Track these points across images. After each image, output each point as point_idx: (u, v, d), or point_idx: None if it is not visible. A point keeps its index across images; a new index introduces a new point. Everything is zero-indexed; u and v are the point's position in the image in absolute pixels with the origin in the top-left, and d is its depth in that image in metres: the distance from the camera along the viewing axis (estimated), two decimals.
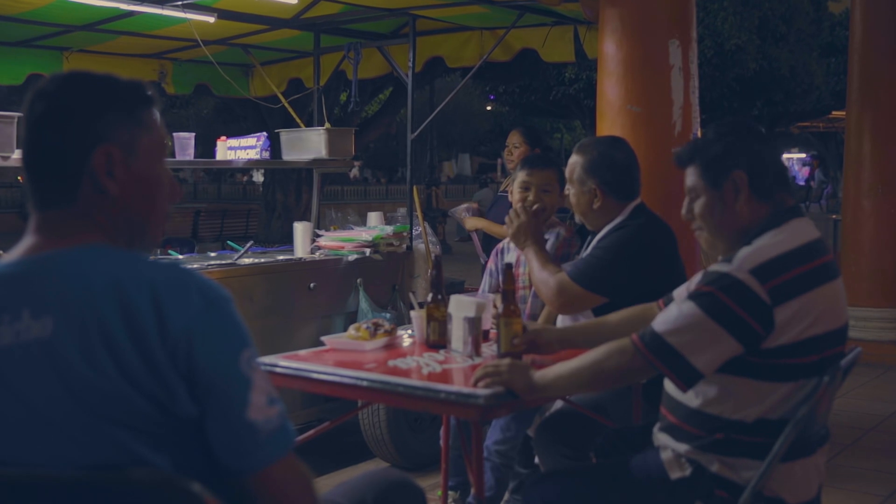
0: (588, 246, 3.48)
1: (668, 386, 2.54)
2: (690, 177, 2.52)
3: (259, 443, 1.59)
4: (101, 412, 1.53)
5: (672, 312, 2.36)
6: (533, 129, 5.81)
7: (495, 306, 3.54)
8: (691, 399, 2.43)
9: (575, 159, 3.41)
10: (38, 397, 1.54)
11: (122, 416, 1.53)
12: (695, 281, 2.56)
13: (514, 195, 3.75)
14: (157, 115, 1.74)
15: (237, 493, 1.66)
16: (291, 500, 1.64)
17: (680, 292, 2.85)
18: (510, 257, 3.88)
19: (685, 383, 2.34)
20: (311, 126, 6.32)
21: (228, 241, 5.17)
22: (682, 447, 2.44)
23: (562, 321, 3.49)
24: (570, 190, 3.43)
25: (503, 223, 5.49)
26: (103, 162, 1.63)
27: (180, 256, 4.89)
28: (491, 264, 4.02)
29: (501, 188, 5.84)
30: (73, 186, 1.64)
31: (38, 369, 1.54)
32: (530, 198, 3.67)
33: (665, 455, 2.48)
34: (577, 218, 3.49)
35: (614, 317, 3.00)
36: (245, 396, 1.58)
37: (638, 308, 2.99)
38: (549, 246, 3.62)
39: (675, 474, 2.44)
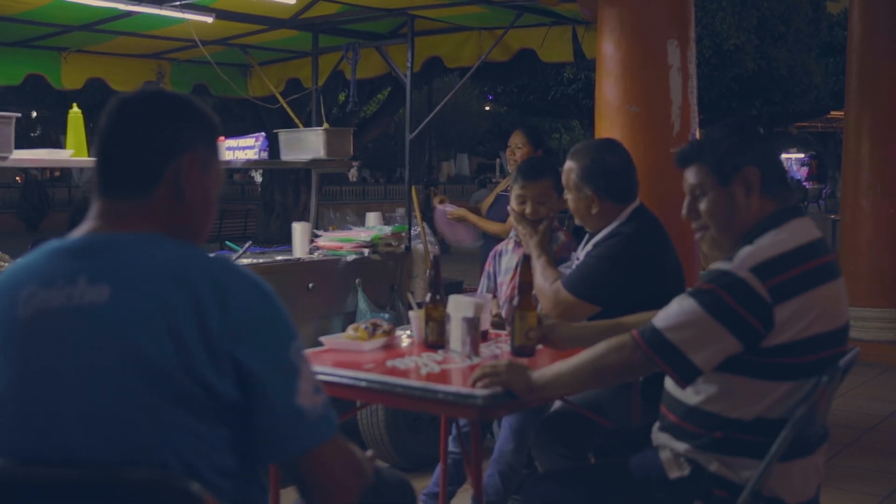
0: (584, 245, 3.48)
1: (669, 384, 2.54)
2: (695, 175, 2.50)
3: (307, 426, 1.67)
4: (145, 382, 1.57)
5: (672, 309, 2.36)
6: (535, 130, 5.79)
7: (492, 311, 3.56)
8: (690, 396, 2.43)
9: (569, 165, 3.40)
10: (82, 361, 1.59)
11: (164, 389, 1.58)
12: None
13: (513, 205, 3.73)
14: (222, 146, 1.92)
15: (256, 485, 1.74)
16: (338, 480, 1.75)
17: None
18: (508, 260, 3.88)
19: (684, 380, 2.34)
20: (310, 126, 6.32)
21: (227, 242, 5.17)
22: (682, 446, 2.44)
23: None
24: (567, 196, 3.43)
25: (502, 222, 5.52)
26: (187, 167, 1.77)
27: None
28: (488, 267, 4.02)
29: (501, 188, 5.82)
30: (151, 182, 1.75)
31: (88, 332, 1.60)
32: (528, 210, 3.66)
33: (664, 455, 2.48)
34: (577, 220, 3.49)
35: (631, 318, 2.97)
36: (294, 384, 1.66)
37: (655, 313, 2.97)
38: None
39: (673, 474, 2.43)
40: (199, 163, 1.79)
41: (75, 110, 4.79)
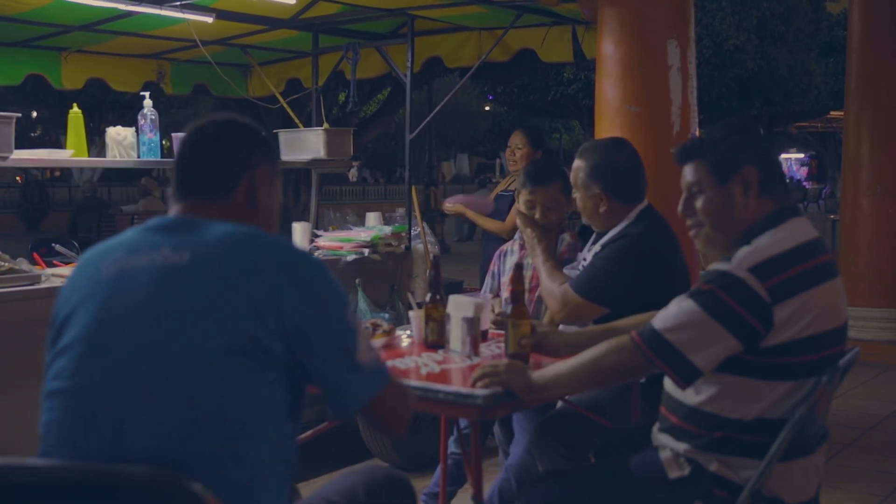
0: (591, 245, 3.47)
1: (669, 385, 2.54)
2: (693, 172, 2.50)
3: (366, 379, 1.94)
4: (214, 335, 1.76)
5: (672, 310, 2.36)
6: (535, 130, 5.78)
7: (493, 310, 3.55)
8: (690, 397, 2.43)
9: (578, 164, 3.39)
10: (157, 310, 1.79)
11: (231, 342, 1.76)
12: None
13: (521, 209, 3.70)
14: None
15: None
16: (398, 415, 2.07)
17: None
18: (514, 260, 3.87)
19: (684, 381, 2.34)
20: (310, 126, 6.32)
21: None
22: (682, 446, 2.44)
23: (563, 327, 3.50)
24: (576, 195, 3.43)
25: (503, 221, 5.52)
26: (259, 178, 2.05)
27: None
28: (493, 267, 4.01)
29: (501, 188, 5.82)
30: (230, 188, 2.02)
31: (165, 285, 1.81)
32: (537, 216, 3.64)
33: (664, 455, 2.48)
34: (585, 219, 3.48)
35: (624, 322, 2.97)
36: (354, 343, 1.91)
37: (648, 315, 2.96)
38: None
39: (673, 474, 2.43)
40: (267, 177, 2.07)
41: (75, 110, 4.79)
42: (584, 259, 3.47)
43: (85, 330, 1.81)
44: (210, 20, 5.58)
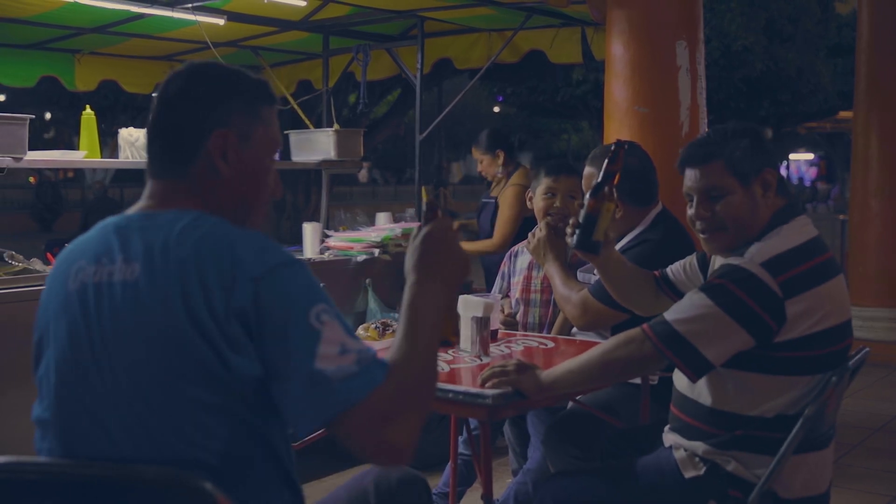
0: None
1: (680, 385, 2.55)
2: (711, 175, 2.47)
3: (332, 390, 1.58)
4: (168, 358, 1.61)
5: (684, 303, 2.37)
6: (489, 135, 5.84)
7: (502, 311, 3.56)
8: (706, 397, 2.43)
9: (589, 171, 3.36)
10: (117, 338, 1.65)
11: (186, 366, 1.60)
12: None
13: (538, 202, 3.70)
14: (275, 113, 1.89)
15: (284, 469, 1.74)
16: (383, 439, 1.61)
17: (676, 269, 2.86)
18: (523, 261, 3.88)
19: (695, 373, 2.34)
20: (320, 127, 6.35)
21: None
22: (698, 446, 2.44)
23: (578, 332, 3.51)
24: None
25: (489, 228, 5.57)
26: (219, 144, 1.77)
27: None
28: (504, 268, 4.02)
29: (493, 193, 5.85)
30: (188, 161, 1.78)
31: (120, 309, 1.66)
32: (557, 204, 3.63)
33: (678, 454, 2.48)
34: None
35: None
36: (313, 348, 1.59)
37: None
38: None
39: (689, 473, 2.44)
40: (233, 138, 1.78)
41: (88, 112, 4.83)
42: None
43: (58, 357, 1.71)
44: (221, 22, 5.62)
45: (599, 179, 2.73)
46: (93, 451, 1.65)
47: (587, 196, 2.79)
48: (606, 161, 2.77)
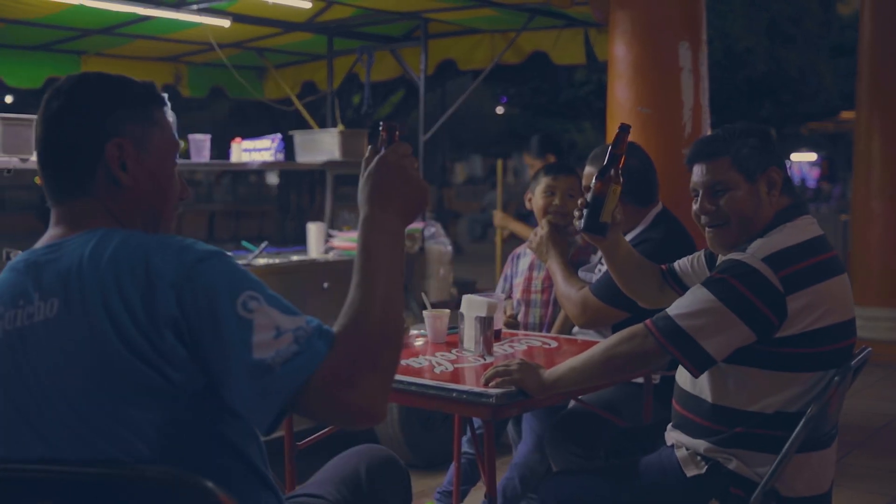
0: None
1: (683, 381, 2.56)
2: (717, 170, 2.49)
3: (276, 377, 1.51)
4: (109, 385, 1.54)
5: (686, 298, 2.38)
6: (541, 139, 5.93)
7: (505, 312, 3.57)
8: (707, 394, 2.45)
9: (589, 171, 3.38)
10: (52, 377, 1.58)
11: (128, 389, 1.54)
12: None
13: (537, 201, 3.73)
14: (168, 114, 1.80)
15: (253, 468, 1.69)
16: (345, 405, 1.55)
17: (683, 263, 2.88)
18: (527, 262, 3.90)
19: (697, 368, 2.35)
20: (325, 128, 6.37)
21: (243, 242, 5.21)
22: (699, 444, 2.45)
23: (579, 331, 3.53)
24: None
25: None
26: (116, 154, 1.69)
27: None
28: (507, 269, 4.03)
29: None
30: (88, 178, 1.69)
31: (48, 348, 1.58)
32: (556, 202, 3.67)
33: (680, 453, 2.50)
34: None
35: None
36: (247, 339, 1.52)
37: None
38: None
39: (690, 472, 2.45)
40: (129, 146, 1.70)
41: None
42: (602, 262, 3.48)
43: None
44: (226, 24, 5.65)
45: (605, 162, 2.72)
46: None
47: (593, 179, 2.78)
48: (611, 144, 2.74)
